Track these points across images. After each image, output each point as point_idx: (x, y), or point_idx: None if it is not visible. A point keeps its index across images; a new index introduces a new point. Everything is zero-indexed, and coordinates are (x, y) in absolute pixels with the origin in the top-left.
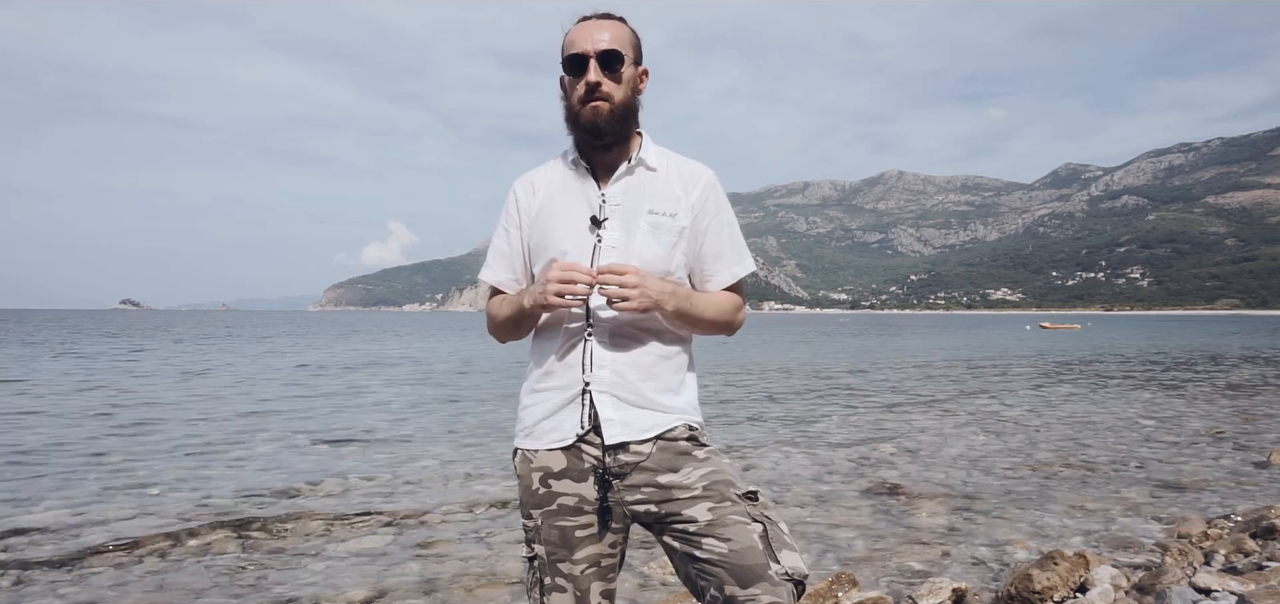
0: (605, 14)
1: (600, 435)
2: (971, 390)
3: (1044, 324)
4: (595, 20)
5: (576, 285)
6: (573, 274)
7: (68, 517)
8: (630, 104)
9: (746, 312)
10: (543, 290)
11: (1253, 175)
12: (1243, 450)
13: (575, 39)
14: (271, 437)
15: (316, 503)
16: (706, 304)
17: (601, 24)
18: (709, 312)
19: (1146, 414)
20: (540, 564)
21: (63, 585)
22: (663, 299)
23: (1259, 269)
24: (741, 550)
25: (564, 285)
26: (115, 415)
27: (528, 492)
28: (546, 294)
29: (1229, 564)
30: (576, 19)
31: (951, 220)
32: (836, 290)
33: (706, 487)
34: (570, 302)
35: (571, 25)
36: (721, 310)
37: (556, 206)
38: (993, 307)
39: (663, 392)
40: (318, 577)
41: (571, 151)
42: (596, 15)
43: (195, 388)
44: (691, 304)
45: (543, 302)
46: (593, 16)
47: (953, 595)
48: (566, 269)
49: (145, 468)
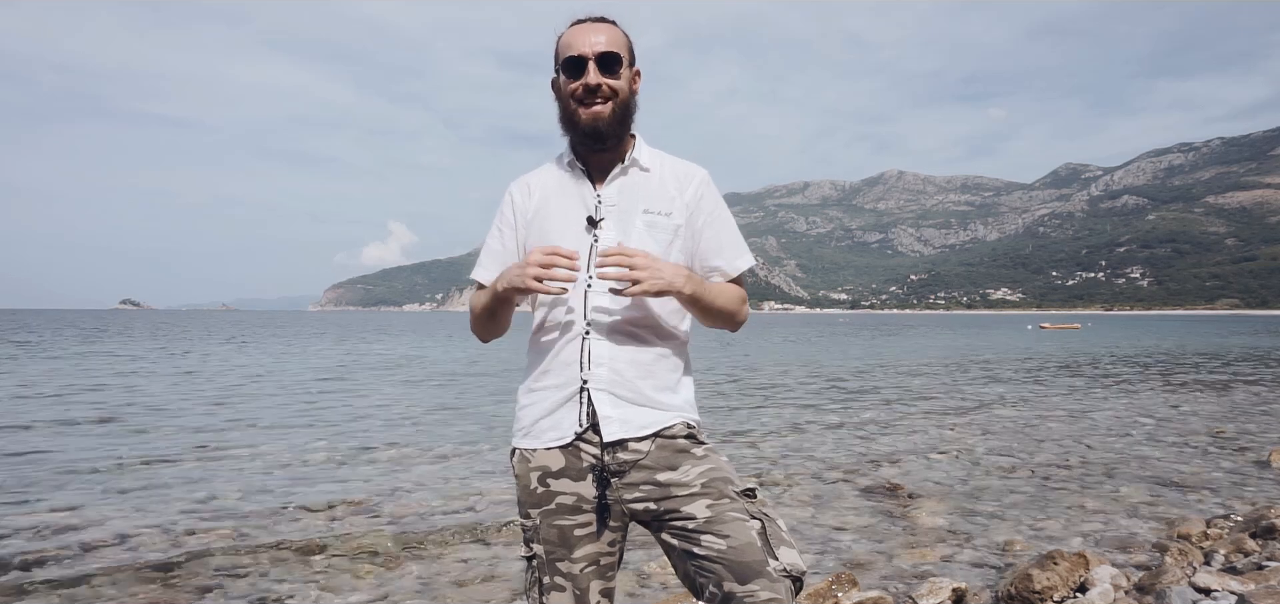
0: (599, 17)
1: (598, 433)
2: (971, 390)
3: (1044, 324)
4: (590, 23)
5: (556, 271)
6: (555, 259)
7: (68, 517)
8: (628, 106)
9: (748, 309)
10: (522, 272)
11: (1253, 175)
12: (1243, 450)
13: (572, 41)
14: (272, 436)
15: (317, 503)
16: (717, 292)
17: (597, 27)
18: (720, 299)
19: (1146, 414)
20: (539, 564)
21: (63, 585)
22: (677, 282)
23: (1259, 269)
24: (740, 547)
25: (543, 270)
26: (116, 414)
27: (526, 491)
28: (525, 277)
29: (1229, 564)
30: (569, 22)
31: (951, 220)
32: (836, 290)
33: (705, 484)
34: (550, 288)
35: (564, 28)
36: (730, 299)
37: (553, 208)
38: (993, 307)
39: (660, 389)
40: (318, 576)
41: (566, 154)
42: (591, 18)
43: (195, 387)
44: (705, 289)
45: (520, 284)
46: (587, 19)
47: (953, 595)
48: (549, 253)
49: (146, 468)
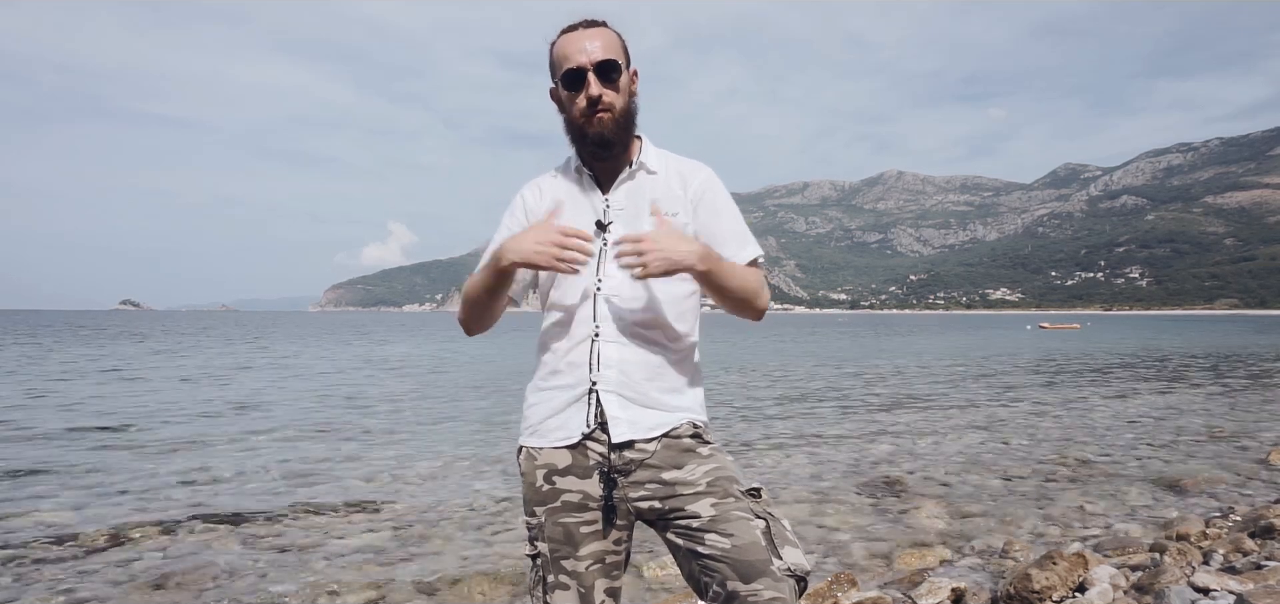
0: (590, 22)
1: (606, 433)
2: (970, 390)
3: (1043, 324)
4: (582, 29)
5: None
6: (573, 239)
7: (68, 514)
8: (630, 110)
9: (769, 297)
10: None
11: (1251, 175)
12: (1242, 450)
13: (567, 52)
14: (273, 435)
15: (317, 500)
16: (733, 270)
17: (590, 33)
18: (736, 278)
19: (1145, 413)
20: (543, 562)
21: (63, 583)
22: (689, 258)
23: (1257, 269)
24: (744, 546)
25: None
26: (117, 415)
27: (532, 488)
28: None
29: (1228, 564)
30: (560, 30)
31: (951, 220)
32: (836, 290)
33: (710, 483)
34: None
35: (556, 37)
36: (747, 281)
37: (564, 213)
38: (992, 307)
39: (668, 391)
40: (318, 575)
41: (574, 161)
42: (582, 23)
43: (196, 387)
44: (721, 266)
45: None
46: (578, 25)
47: (952, 595)
48: (567, 233)
49: (147, 465)
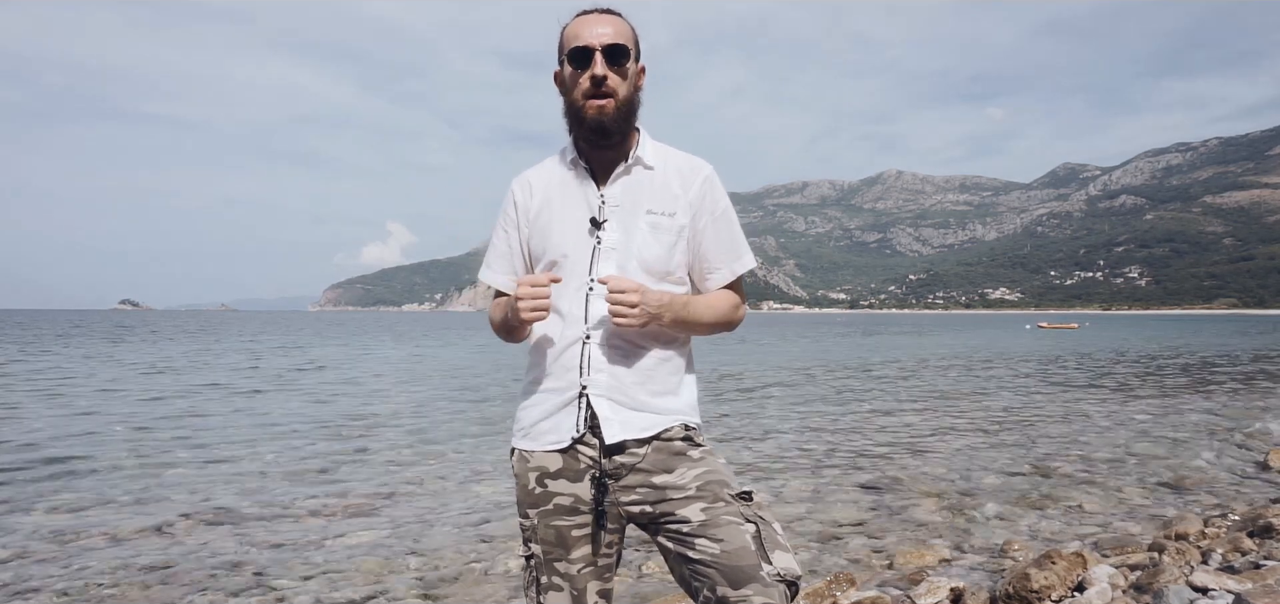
0: (606, 9)
1: (598, 436)
2: (970, 389)
3: (1042, 324)
4: (597, 14)
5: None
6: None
7: (68, 518)
8: (633, 101)
9: (746, 309)
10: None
11: (1250, 175)
12: (1240, 449)
13: (578, 32)
14: (273, 434)
15: (316, 500)
16: (705, 308)
17: (604, 18)
18: (707, 314)
19: (1144, 413)
20: (537, 563)
21: (61, 581)
22: (660, 311)
23: (1256, 268)
24: (733, 551)
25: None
26: (117, 414)
27: (524, 491)
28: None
29: (1226, 563)
30: (575, 14)
31: (950, 220)
32: (835, 290)
33: (700, 487)
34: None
35: (570, 20)
36: (719, 312)
37: (556, 209)
38: (991, 306)
39: (659, 394)
40: (317, 574)
41: (570, 150)
42: (597, 9)
43: (196, 386)
44: (689, 312)
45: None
46: (593, 10)
47: (951, 595)
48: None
49: (147, 465)
